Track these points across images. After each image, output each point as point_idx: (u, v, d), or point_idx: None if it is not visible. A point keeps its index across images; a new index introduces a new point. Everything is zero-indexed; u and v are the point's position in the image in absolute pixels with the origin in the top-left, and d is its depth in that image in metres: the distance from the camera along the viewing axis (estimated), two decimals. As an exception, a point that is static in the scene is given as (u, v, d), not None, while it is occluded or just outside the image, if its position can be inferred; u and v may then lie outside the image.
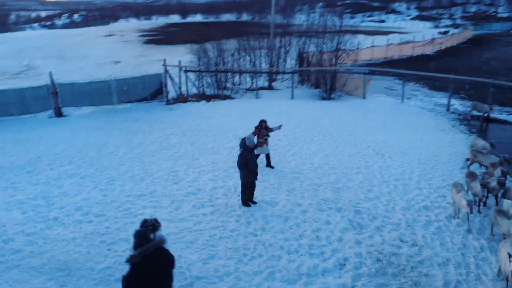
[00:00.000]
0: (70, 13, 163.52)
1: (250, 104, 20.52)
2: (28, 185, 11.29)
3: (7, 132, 16.39)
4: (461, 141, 15.52)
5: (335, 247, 8.45)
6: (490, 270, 7.75)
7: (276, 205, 10.20)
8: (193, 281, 7.28)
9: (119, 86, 20.25)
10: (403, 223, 9.49)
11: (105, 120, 18.07)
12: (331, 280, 7.41)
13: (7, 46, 46.57)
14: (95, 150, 14.15)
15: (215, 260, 7.91)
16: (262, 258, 8.01)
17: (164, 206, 10.10)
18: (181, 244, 8.43)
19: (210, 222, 9.34)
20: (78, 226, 9.04)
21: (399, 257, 8.17)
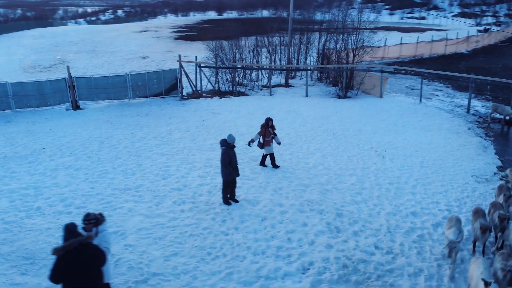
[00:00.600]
0: (114, 8, 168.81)
1: (262, 101, 20.35)
2: (25, 175, 11.72)
3: (22, 124, 17.08)
4: (473, 144, 14.71)
5: (304, 250, 8.22)
6: (464, 285, 7.27)
7: (257, 205, 10.06)
8: (148, 277, 7.29)
9: (134, 81, 20.62)
10: (383, 229, 9.10)
11: (116, 114, 18.46)
12: (289, 284, 7.21)
13: (46, 40, 48.52)
14: (97, 143, 14.49)
15: (178, 257, 7.89)
16: (226, 258, 7.91)
17: (146, 201, 10.20)
18: (149, 239, 8.46)
19: (185, 219, 9.33)
20: (56, 217, 9.29)
21: (368, 264, 7.83)
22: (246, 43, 27.45)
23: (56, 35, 53.55)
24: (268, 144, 12.04)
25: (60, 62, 36.25)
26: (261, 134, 11.97)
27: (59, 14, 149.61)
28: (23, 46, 43.32)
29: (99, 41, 49.20)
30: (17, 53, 39.01)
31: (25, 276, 7.22)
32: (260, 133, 11.99)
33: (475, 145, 14.68)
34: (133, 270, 7.46)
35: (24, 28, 61.94)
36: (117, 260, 7.74)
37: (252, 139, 11.96)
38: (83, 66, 33.12)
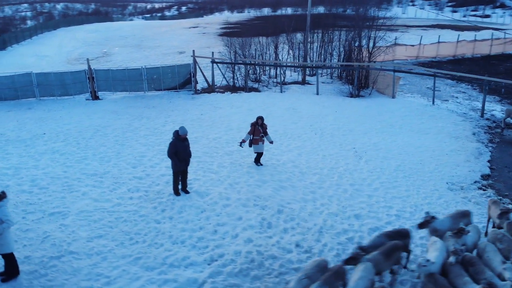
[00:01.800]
0: (179, 5, 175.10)
1: (268, 98, 20.42)
2: (15, 157, 12.85)
3: (39, 111, 18.57)
4: (467, 150, 13.87)
5: (222, 243, 8.38)
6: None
7: (205, 197, 10.32)
8: (64, 254, 7.85)
9: (150, 75, 21.56)
10: (315, 229, 9.00)
11: (126, 105, 19.46)
12: (188, 273, 7.43)
13: (99, 34, 51.60)
14: (93, 131, 15.44)
15: (100, 239, 8.38)
16: (144, 244, 8.28)
17: (104, 186, 10.82)
18: (84, 221, 9.05)
19: (128, 205, 9.82)
20: (16, 195, 10.14)
21: (277, 261, 7.84)
22: (266, 40, 27.50)
23: (110, 29, 56.65)
24: (256, 143, 11.89)
25: (104, 55, 38.48)
26: (251, 133, 11.84)
27: (129, 10, 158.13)
28: (76, 39, 46.42)
29: (147, 36, 51.47)
30: (68, 46, 41.96)
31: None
32: (250, 132, 11.87)
33: (469, 151, 13.83)
34: (54, 247, 8.06)
35: (84, 22, 66.08)
36: (46, 236, 8.40)
37: (243, 140, 11.91)
38: (122, 59, 34.93)
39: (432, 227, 7.64)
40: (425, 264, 6.25)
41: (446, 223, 7.78)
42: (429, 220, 7.64)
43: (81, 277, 7.23)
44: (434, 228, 7.63)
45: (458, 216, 8.04)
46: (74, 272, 7.37)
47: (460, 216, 8.07)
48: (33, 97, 20.53)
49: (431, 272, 6.29)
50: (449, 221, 7.83)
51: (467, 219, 8.12)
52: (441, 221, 7.80)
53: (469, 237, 7.35)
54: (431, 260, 6.32)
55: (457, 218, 7.95)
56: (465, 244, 7.23)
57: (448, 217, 8.05)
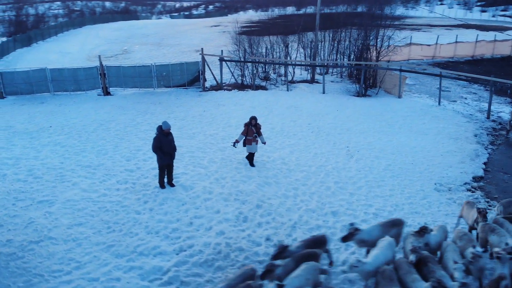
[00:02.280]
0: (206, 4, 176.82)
1: (273, 96, 20.55)
2: (18, 148, 13.51)
3: (51, 105, 19.33)
4: (464, 152, 13.68)
5: (194, 234, 8.65)
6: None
7: (189, 191, 10.61)
8: (42, 239, 8.29)
9: (159, 72, 22.07)
10: (289, 224, 9.16)
11: (134, 101, 20.00)
12: (155, 261, 7.73)
13: (122, 32, 52.84)
14: (97, 125, 15.99)
15: (80, 227, 8.80)
16: (119, 233, 8.64)
17: (95, 177, 11.27)
18: (68, 210, 9.50)
19: (114, 196, 10.22)
20: (11, 183, 10.72)
21: (243, 253, 8.05)
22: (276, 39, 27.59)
23: (133, 28, 57.91)
24: (249, 143, 11.90)
25: (124, 52, 39.45)
26: (244, 133, 11.87)
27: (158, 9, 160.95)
28: (99, 37, 47.72)
29: (168, 35, 52.35)
30: (91, 43, 43.18)
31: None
32: (243, 132, 11.90)
33: (466, 153, 13.61)
34: (35, 232, 8.52)
35: (109, 20, 67.74)
36: (30, 222, 8.89)
37: (237, 140, 11.97)
38: (141, 57, 35.70)
39: (359, 239, 7.37)
40: (357, 265, 6.29)
41: (375, 232, 7.46)
42: (353, 232, 7.31)
43: (54, 261, 7.64)
44: (361, 239, 7.37)
45: (389, 225, 7.71)
46: (49, 256, 7.79)
47: (391, 225, 7.75)
48: (48, 92, 21.34)
49: (369, 270, 6.29)
50: (378, 230, 7.50)
51: (398, 229, 7.80)
52: (368, 231, 7.49)
53: (432, 237, 7.35)
54: (362, 261, 6.34)
55: (388, 227, 7.64)
56: (428, 243, 7.25)
57: (377, 225, 7.71)
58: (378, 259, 6.57)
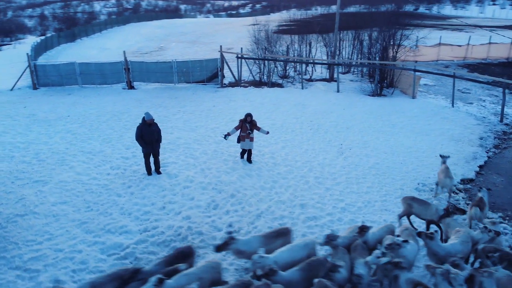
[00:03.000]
0: (254, 3, 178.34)
1: (285, 93, 20.85)
2: (34, 134, 14.75)
3: (76, 96, 20.70)
4: (462, 154, 13.45)
5: (163, 217, 9.27)
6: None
7: (173, 178, 11.25)
8: (27, 213, 9.22)
9: (179, 68, 22.99)
10: (255, 213, 9.58)
11: (152, 95, 21.01)
12: (120, 239, 8.41)
13: (163, 30, 54.77)
14: (110, 116, 17.04)
15: (63, 205, 9.67)
16: (96, 212, 9.42)
17: (92, 163, 12.20)
18: (60, 189, 10.42)
19: (103, 180, 11.06)
20: (16, 164, 11.85)
21: (201, 236, 8.57)
22: (298, 37, 27.75)
23: (174, 26, 59.81)
24: (243, 139, 12.09)
25: (159, 49, 40.99)
26: (238, 128, 12.07)
27: (206, 8, 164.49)
28: (140, 34, 49.75)
29: (205, 33, 53.66)
30: (131, 40, 45.17)
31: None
32: (237, 128, 12.10)
33: (463, 155, 13.35)
34: (23, 207, 9.48)
35: (153, 18, 70.21)
36: (22, 198, 9.88)
37: (228, 133, 12.17)
38: (174, 54, 36.97)
39: (235, 249, 6.99)
40: (259, 261, 6.27)
41: (253, 243, 7.04)
42: (228, 242, 6.91)
43: (31, 232, 8.52)
44: (238, 250, 7.00)
45: (273, 236, 7.36)
46: (28, 228, 8.68)
47: (275, 235, 7.38)
48: (76, 85, 22.83)
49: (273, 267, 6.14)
50: (257, 241, 7.12)
51: (285, 239, 7.40)
52: (246, 241, 7.11)
53: (371, 235, 7.47)
54: (265, 256, 6.40)
55: (271, 238, 7.29)
56: (366, 241, 7.36)
57: (258, 236, 7.36)
58: (285, 256, 6.67)
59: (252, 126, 11.95)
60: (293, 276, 6.22)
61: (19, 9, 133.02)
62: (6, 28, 55.96)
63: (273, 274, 6.01)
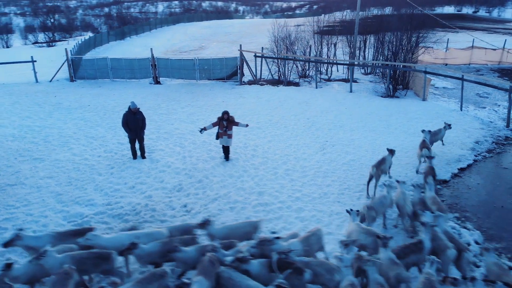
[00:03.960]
0: (311, 4, 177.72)
1: (297, 92, 21.33)
2: (53, 119, 16.50)
3: (103, 89, 22.50)
4: (446, 156, 13.37)
5: (129, 195, 10.36)
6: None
7: (154, 163, 12.34)
8: (16, 184, 10.68)
9: (201, 65, 24.23)
10: (213, 197, 10.36)
11: (172, 90, 22.34)
12: (81, 209, 9.58)
13: (209, 30, 56.73)
14: (124, 106, 18.31)
15: (49, 179, 11.06)
16: (74, 187, 10.70)
17: (90, 146, 13.61)
18: (52, 166, 11.87)
19: (92, 160, 12.38)
20: (24, 144, 13.50)
21: (152, 213, 9.52)
22: (319, 38, 27.95)
23: (221, 26, 61.61)
24: (221, 136, 12.40)
25: (199, 48, 42.72)
26: (215, 125, 12.44)
27: (265, 9, 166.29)
28: (186, 33, 51.94)
29: (248, 33, 54.89)
30: (176, 39, 47.33)
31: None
32: (214, 124, 12.47)
33: (447, 157, 13.29)
34: (16, 179, 10.98)
35: (203, 19, 72.63)
36: (17, 172, 11.41)
37: (205, 127, 12.53)
38: (211, 52, 38.41)
39: (22, 244, 6.93)
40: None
41: (44, 240, 6.97)
42: (14, 238, 6.85)
43: (13, 199, 9.93)
44: (27, 246, 6.94)
45: (70, 234, 7.38)
46: (12, 195, 10.12)
47: (74, 234, 7.31)
48: (108, 78, 24.77)
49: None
50: (49, 239, 7.05)
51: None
52: (37, 237, 7.11)
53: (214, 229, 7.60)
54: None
55: (67, 236, 7.29)
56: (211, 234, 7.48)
57: (51, 233, 7.30)
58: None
59: (230, 123, 12.26)
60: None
61: (89, 8, 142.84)
62: (66, 26, 60.65)
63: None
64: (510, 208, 10.28)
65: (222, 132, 12.38)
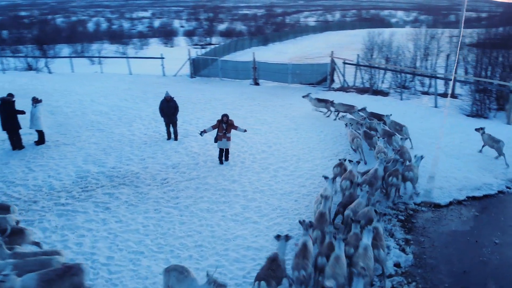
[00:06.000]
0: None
1: (374, 101, 20.42)
2: (141, 104, 19.86)
3: (207, 85, 25.52)
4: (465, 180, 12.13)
5: (133, 164, 12.80)
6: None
7: (177, 144, 14.48)
8: (68, 144, 14.13)
9: (294, 69, 25.60)
10: (170, 165, 12.07)
11: (260, 90, 24.14)
12: (91, 167, 12.35)
13: (352, 38, 55.38)
14: (206, 100, 20.85)
15: (93, 145, 14.25)
16: (105, 151, 13.67)
17: (147, 127, 16.29)
18: (105, 136, 15.08)
19: (135, 137, 15.20)
20: (102, 118, 17.21)
21: (114, 178, 11.78)
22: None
23: (369, 35, 60.59)
24: (220, 139, 12.71)
25: (323, 55, 43.36)
26: (214, 128, 12.87)
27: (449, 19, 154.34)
28: (326, 41, 53.03)
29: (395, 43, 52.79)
30: (312, 46, 49.01)
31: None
32: (213, 126, 12.88)
33: (470, 181, 12.04)
34: (71, 140, 14.53)
35: (356, 27, 72.11)
36: (77, 136, 14.98)
37: (205, 130, 13.06)
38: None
39: None
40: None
41: None
42: None
43: (57, 153, 13.39)
44: None
45: None
46: (60, 150, 13.61)
47: None
48: (217, 77, 28.05)
49: None
50: None
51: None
52: None
53: None
54: None
55: None
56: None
57: None
58: None
59: (229, 126, 12.66)
60: None
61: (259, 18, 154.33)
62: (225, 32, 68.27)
63: None
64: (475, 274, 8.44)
65: (222, 135, 12.65)
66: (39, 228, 9.07)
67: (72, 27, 66.65)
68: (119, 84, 24.45)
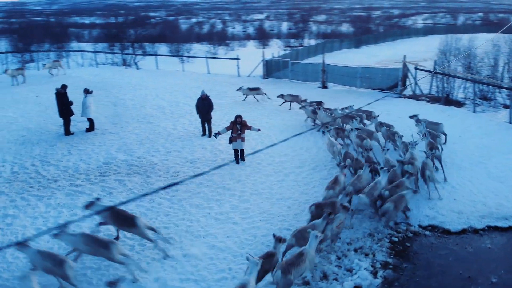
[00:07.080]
0: None
1: (441, 112, 18.59)
2: (179, 97, 21.00)
3: (273, 86, 25.62)
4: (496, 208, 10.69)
5: (157, 154, 13.72)
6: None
7: (208, 141, 15.01)
8: (114, 133, 15.58)
9: (363, 73, 24.53)
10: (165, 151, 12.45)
11: (322, 93, 23.66)
12: (122, 156, 13.48)
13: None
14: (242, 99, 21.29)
15: (133, 135, 15.51)
16: (139, 142, 14.80)
17: (190, 123, 17.00)
18: (150, 127, 16.33)
19: (175, 131, 16.13)
20: (155, 111, 18.54)
21: (150, 168, 12.48)
22: None
23: (473, 40, 54.83)
24: (234, 140, 12.87)
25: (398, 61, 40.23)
26: (228, 129, 13.08)
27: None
28: (426, 45, 49.05)
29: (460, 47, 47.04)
30: (407, 50, 45.69)
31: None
32: (227, 128, 13.09)
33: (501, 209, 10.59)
34: (118, 129, 15.97)
35: (469, 31, 65.35)
36: (126, 126, 16.36)
37: (219, 132, 13.25)
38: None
39: None
40: None
41: None
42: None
43: (99, 140, 14.91)
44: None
45: None
46: (104, 137, 15.13)
47: None
48: (288, 79, 28.08)
49: None
50: None
51: None
52: None
53: None
54: None
55: None
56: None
57: None
58: None
59: (243, 127, 12.86)
60: None
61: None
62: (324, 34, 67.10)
63: None
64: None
65: (236, 136, 12.81)
66: (44, 203, 10.29)
67: (173, 27, 71.61)
68: (191, 82, 25.82)
